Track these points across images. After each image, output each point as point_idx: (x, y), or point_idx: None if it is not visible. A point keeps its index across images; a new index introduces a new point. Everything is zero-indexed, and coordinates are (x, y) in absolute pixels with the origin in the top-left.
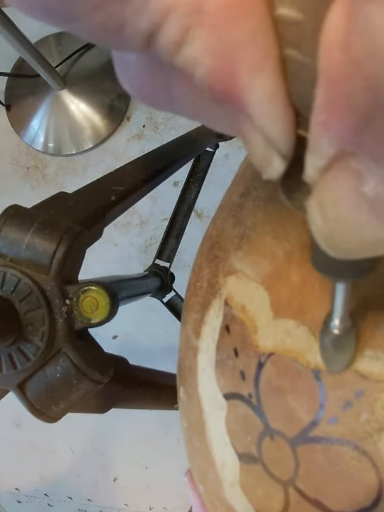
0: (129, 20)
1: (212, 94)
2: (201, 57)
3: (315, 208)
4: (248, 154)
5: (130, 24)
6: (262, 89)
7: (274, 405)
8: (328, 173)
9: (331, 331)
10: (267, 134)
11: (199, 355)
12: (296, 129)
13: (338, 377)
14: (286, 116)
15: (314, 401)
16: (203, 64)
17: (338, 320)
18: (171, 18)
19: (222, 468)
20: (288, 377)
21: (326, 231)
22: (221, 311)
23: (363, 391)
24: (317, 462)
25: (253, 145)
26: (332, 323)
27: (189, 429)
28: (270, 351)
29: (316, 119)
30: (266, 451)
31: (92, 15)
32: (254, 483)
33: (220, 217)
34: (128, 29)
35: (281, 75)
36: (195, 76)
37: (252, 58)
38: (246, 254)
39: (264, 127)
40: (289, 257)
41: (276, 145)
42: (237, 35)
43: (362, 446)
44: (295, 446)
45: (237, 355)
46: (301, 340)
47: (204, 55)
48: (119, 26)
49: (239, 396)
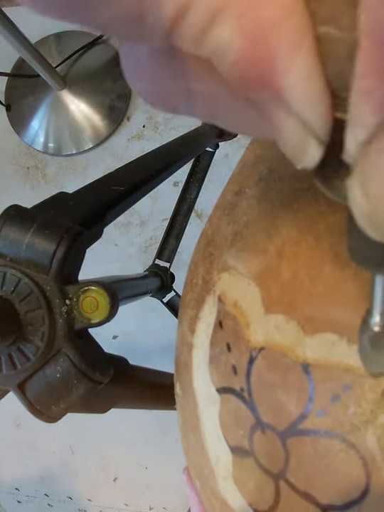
0: (150, 6)
1: (242, 83)
2: (232, 41)
3: (357, 188)
4: (280, 146)
5: (151, 11)
6: (300, 71)
7: (265, 399)
8: (372, 145)
9: (371, 328)
10: (305, 119)
11: (194, 350)
12: (333, 111)
13: (326, 370)
14: (324, 98)
15: (303, 394)
16: (234, 49)
17: (378, 316)
18: (198, 1)
19: (216, 463)
20: (278, 372)
21: (369, 210)
22: (215, 307)
23: (351, 384)
24: (306, 455)
25: (287, 134)
26: (372, 320)
27: (184, 425)
28: (261, 346)
29: (357, 86)
30: (257, 445)
31: (109, 3)
32: (247, 477)
33: (215, 215)
34: (149, 17)
35: (318, 55)
36: (224, 64)
37: (289, 38)
38: (239, 251)
39: (302, 111)
40: (280, 253)
41: (314, 129)
42: (272, 13)
43: (350, 439)
44: (285, 439)
45: (230, 350)
46: (291, 335)
47: (235, 38)
48: (139, 14)
49: (231, 390)
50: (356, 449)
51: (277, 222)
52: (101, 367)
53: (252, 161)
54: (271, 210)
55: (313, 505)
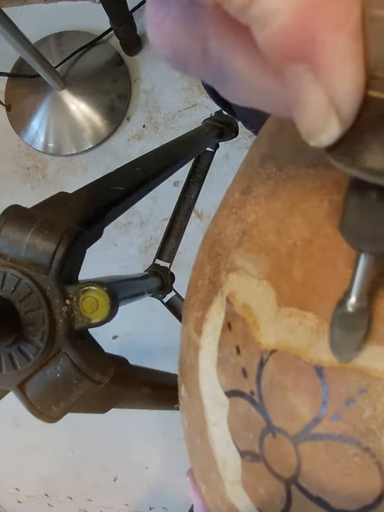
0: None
1: (280, 52)
2: (280, 9)
3: None
4: (298, 121)
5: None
6: (340, 48)
7: (276, 402)
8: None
9: (345, 309)
10: (334, 94)
11: (200, 352)
12: (367, 90)
13: (340, 373)
14: (358, 77)
15: (317, 398)
16: (280, 17)
17: (355, 297)
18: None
19: (224, 467)
20: (290, 375)
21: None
22: (223, 309)
23: (366, 388)
24: (320, 459)
25: (310, 107)
26: (349, 301)
27: (190, 428)
28: (273, 348)
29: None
30: (268, 449)
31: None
32: (256, 481)
33: (221, 214)
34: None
35: (361, 36)
36: (266, 31)
37: (335, 16)
38: (247, 251)
39: (332, 86)
40: (290, 253)
41: (340, 106)
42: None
43: (365, 443)
44: (297, 444)
45: (239, 352)
46: (304, 337)
47: (284, 8)
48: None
49: (240, 393)
50: (371, 453)
51: (287, 220)
52: (101, 367)
53: (259, 160)
54: (281, 209)
55: (327, 510)
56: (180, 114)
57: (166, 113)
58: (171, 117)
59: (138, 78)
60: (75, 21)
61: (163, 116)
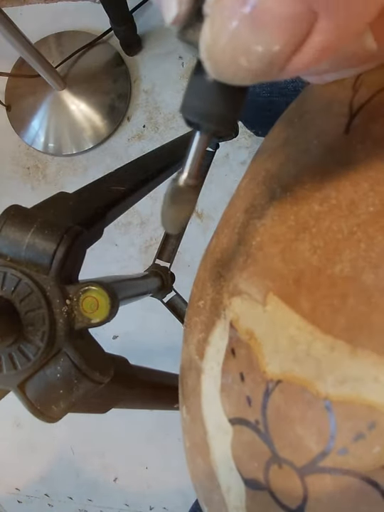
0: None
1: None
2: None
3: (206, 27)
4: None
5: None
6: None
7: (283, 434)
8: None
9: (177, 184)
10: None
11: (203, 376)
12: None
13: (349, 407)
14: None
15: (325, 431)
16: None
17: (187, 173)
18: None
19: (228, 492)
20: (297, 406)
21: (210, 43)
22: (226, 333)
23: (375, 423)
24: (326, 492)
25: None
26: (181, 176)
27: (192, 449)
28: (278, 378)
29: None
30: (273, 479)
31: None
32: (261, 510)
33: (223, 232)
34: None
35: None
36: None
37: None
38: (251, 276)
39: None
40: (297, 281)
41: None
42: None
43: (373, 479)
44: (304, 476)
45: (243, 379)
46: (310, 368)
47: None
48: None
49: (245, 422)
50: (381, 489)
51: (293, 246)
52: (101, 367)
53: (263, 177)
54: (286, 233)
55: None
56: (181, 115)
57: (166, 113)
58: (171, 117)
59: (138, 78)
60: (75, 21)
61: (164, 117)
